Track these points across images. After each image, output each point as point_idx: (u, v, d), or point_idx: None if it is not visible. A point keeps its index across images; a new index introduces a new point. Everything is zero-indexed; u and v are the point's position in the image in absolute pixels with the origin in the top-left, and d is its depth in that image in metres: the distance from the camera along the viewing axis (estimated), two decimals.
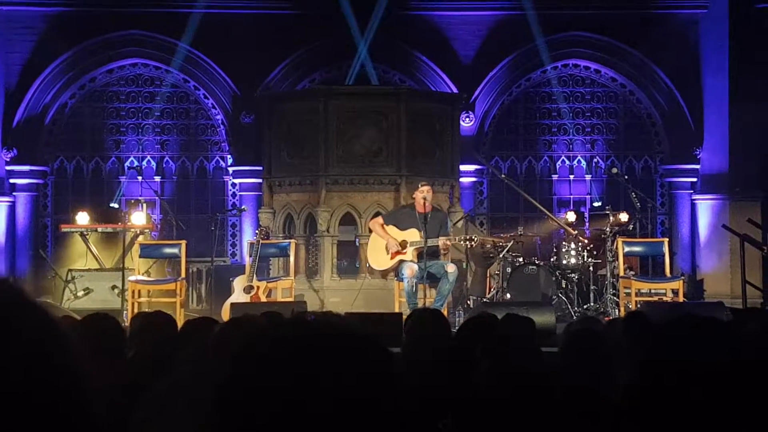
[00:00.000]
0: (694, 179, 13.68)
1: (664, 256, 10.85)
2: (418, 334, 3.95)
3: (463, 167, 12.25)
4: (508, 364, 2.85)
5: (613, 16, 13.57)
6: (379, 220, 9.94)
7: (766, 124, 13.28)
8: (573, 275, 10.81)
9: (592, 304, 10.74)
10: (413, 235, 9.60)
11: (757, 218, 12.49)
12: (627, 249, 10.74)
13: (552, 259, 10.92)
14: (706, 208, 13.55)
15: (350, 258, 11.40)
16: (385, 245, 9.71)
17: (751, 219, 12.17)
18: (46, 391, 1.02)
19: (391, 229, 9.73)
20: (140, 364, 3.85)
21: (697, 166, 13.65)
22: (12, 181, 13.35)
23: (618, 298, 10.58)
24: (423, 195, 9.63)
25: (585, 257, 10.79)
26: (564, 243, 10.94)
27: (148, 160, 13.78)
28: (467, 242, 9.73)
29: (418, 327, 4.15)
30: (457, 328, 5.94)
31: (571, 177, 14.02)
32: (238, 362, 1.15)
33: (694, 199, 13.66)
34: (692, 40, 13.59)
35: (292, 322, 1.26)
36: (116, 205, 12.64)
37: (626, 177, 12.98)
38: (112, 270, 11.27)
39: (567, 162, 14.04)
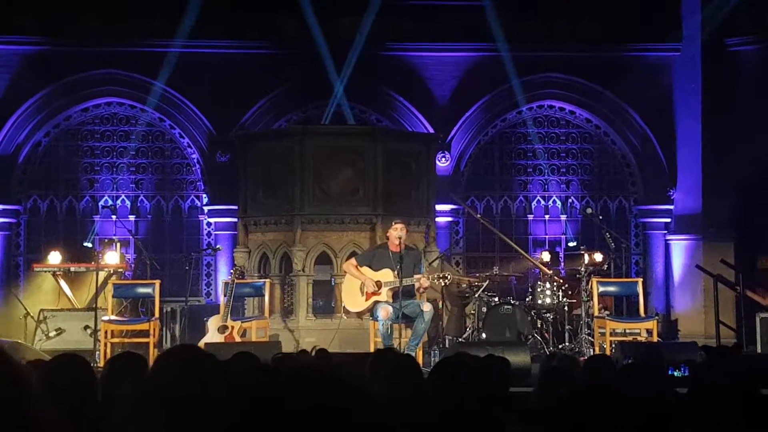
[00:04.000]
0: (668, 220, 13.77)
1: (638, 296, 10.88)
2: (383, 374, 3.92)
3: (439, 207, 12.27)
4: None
5: (587, 58, 13.72)
6: (353, 261, 9.86)
7: (738, 165, 13.41)
8: (548, 315, 10.82)
9: (567, 343, 10.73)
10: (387, 275, 9.56)
11: (729, 258, 12.57)
12: (602, 289, 10.76)
13: (527, 299, 10.92)
14: (679, 248, 13.63)
15: (326, 297, 11.35)
16: (359, 286, 9.65)
17: (724, 259, 12.25)
18: None
19: (366, 270, 9.68)
20: (111, 405, 3.80)
21: (671, 207, 13.75)
22: None
23: (593, 338, 10.58)
24: (397, 233, 9.59)
25: (560, 297, 10.81)
26: (539, 283, 10.96)
27: (123, 199, 13.71)
28: (441, 280, 9.70)
29: (381, 367, 4.12)
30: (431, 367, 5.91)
31: (547, 217, 14.07)
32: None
33: (668, 240, 13.73)
34: (665, 82, 13.75)
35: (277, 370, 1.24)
36: (90, 245, 12.54)
37: (601, 217, 13.04)
38: (84, 310, 11.16)
39: (542, 202, 14.10)
